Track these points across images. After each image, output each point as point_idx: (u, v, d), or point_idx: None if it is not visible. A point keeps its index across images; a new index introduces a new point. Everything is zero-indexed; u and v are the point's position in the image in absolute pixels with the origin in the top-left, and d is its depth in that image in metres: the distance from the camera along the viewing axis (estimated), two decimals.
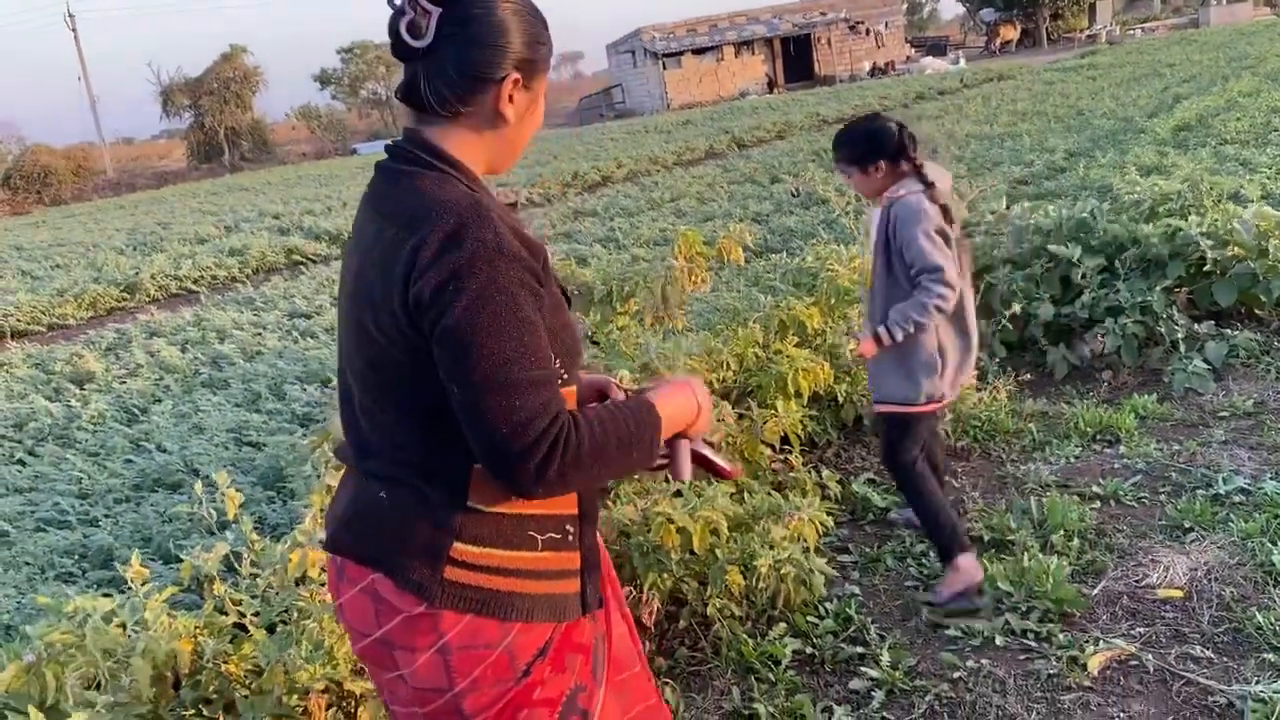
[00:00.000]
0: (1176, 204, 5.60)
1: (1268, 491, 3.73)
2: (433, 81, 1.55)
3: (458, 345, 1.44)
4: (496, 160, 1.66)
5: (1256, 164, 8.91)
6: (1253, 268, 5.13)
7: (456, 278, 1.43)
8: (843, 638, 3.26)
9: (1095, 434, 4.55)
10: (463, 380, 1.45)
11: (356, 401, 1.62)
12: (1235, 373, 4.98)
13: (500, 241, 1.47)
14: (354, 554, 1.60)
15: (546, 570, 1.62)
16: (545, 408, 1.46)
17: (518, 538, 1.59)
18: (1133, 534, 3.65)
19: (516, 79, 1.57)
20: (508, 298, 1.45)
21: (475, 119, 1.58)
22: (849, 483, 4.33)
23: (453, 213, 1.47)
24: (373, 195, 1.61)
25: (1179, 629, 3.06)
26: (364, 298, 1.53)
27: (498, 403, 1.44)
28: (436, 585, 1.53)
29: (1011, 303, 5.25)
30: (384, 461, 1.59)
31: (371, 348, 1.53)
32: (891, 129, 3.29)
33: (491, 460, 1.47)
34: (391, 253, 1.48)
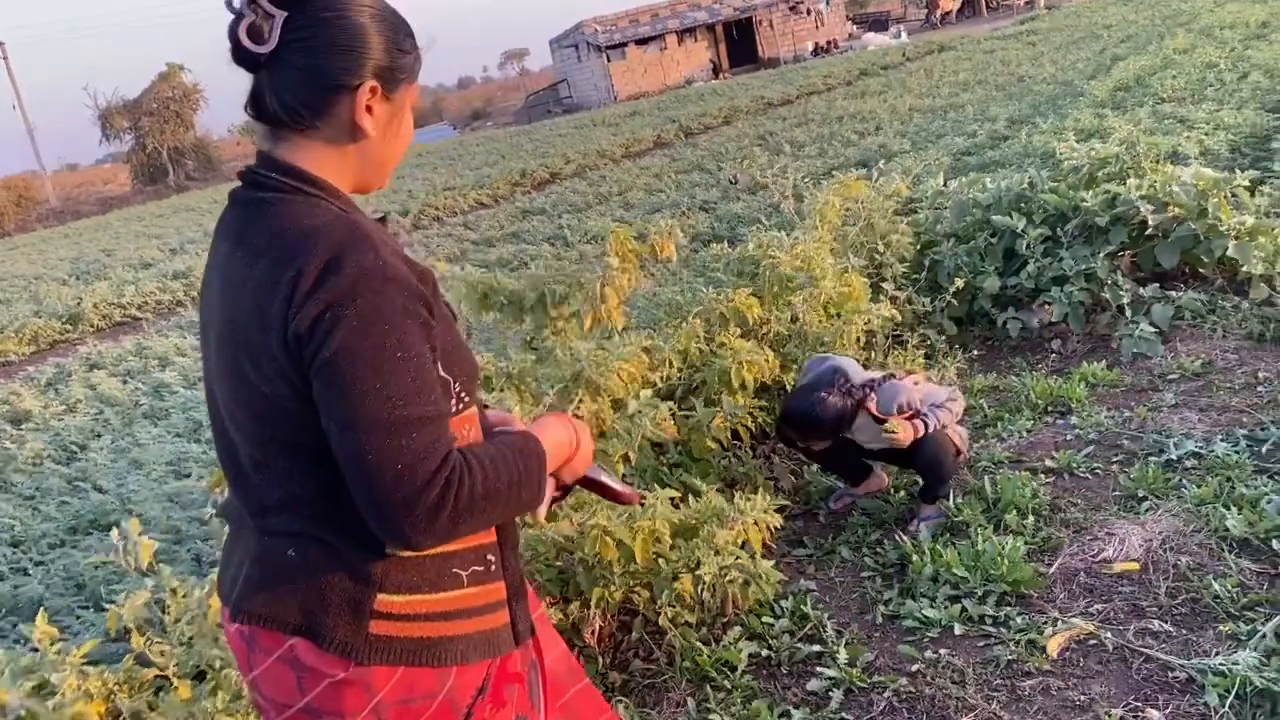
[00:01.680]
0: (1115, 167, 5.57)
1: (1218, 454, 3.69)
2: (279, 92, 1.43)
3: (336, 380, 1.33)
4: (363, 178, 1.54)
5: (1194, 120, 8.92)
6: (1193, 228, 5.10)
7: (335, 307, 1.32)
8: (799, 636, 3.18)
9: (1046, 406, 4.50)
10: (342, 419, 1.33)
11: (244, 456, 1.49)
12: (1182, 334, 4.95)
13: (383, 266, 1.36)
14: (267, 621, 1.45)
15: (475, 606, 1.53)
16: (434, 448, 1.35)
17: (442, 578, 1.49)
18: (1087, 507, 3.60)
19: (374, 88, 1.46)
20: (392, 328, 1.35)
21: (331, 133, 1.46)
22: (802, 472, 4.26)
23: (328, 238, 1.37)
24: (232, 229, 1.48)
25: (1137, 603, 3.01)
26: (238, 343, 1.41)
27: (381, 443, 1.32)
28: (363, 642, 1.42)
29: (955, 277, 5.19)
30: (287, 517, 1.46)
31: (254, 396, 1.41)
32: (844, 406, 3.55)
33: (375, 508, 1.35)
34: (265, 290, 1.36)
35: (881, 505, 3.86)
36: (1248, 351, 4.62)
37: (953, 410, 3.60)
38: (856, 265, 5.03)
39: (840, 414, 3.58)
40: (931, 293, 5.40)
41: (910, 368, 3.92)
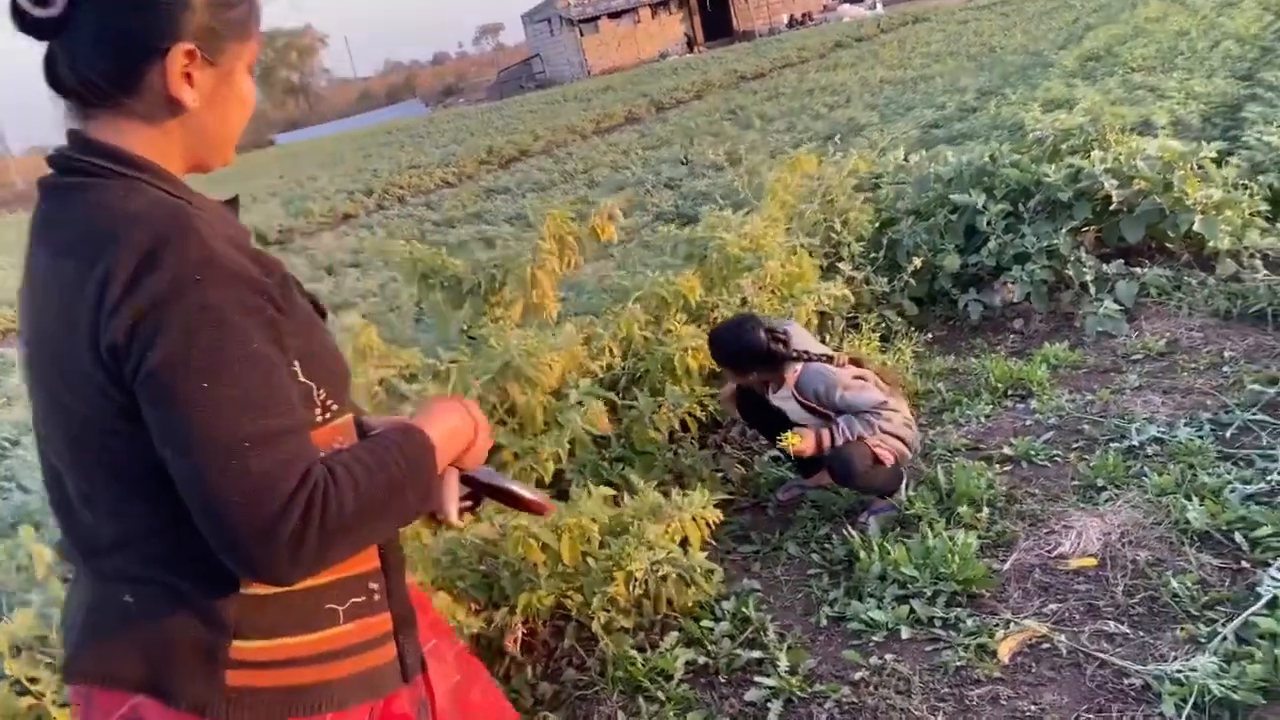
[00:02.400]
0: (1079, 140, 5.39)
1: (1181, 439, 3.53)
2: (74, 62, 1.21)
3: (163, 395, 1.11)
4: (197, 157, 1.31)
5: (1164, 90, 8.75)
6: (1159, 202, 4.93)
7: (155, 309, 1.11)
8: (740, 641, 3.00)
9: (1006, 389, 4.33)
10: (175, 441, 1.12)
11: (70, 487, 1.26)
12: (1147, 311, 4.79)
13: (212, 256, 1.15)
14: (106, 679, 1.24)
15: (354, 644, 1.33)
16: (289, 465, 1.14)
17: (314, 616, 1.29)
18: (1045, 497, 3.43)
19: (190, 51, 1.22)
20: (228, 328, 1.14)
21: (145, 107, 1.23)
22: (752, 464, 4.08)
23: (144, 227, 1.15)
24: (41, 222, 1.25)
25: (1093, 602, 2.84)
26: (47, 357, 1.21)
27: (224, 466, 1.11)
28: (218, 698, 1.22)
29: (914, 256, 5.00)
30: (121, 557, 1.25)
31: (70, 418, 1.20)
32: (758, 341, 3.40)
33: (227, 544, 1.14)
34: (72, 292, 1.15)
35: (832, 497, 3.69)
36: (1213, 330, 4.46)
37: (876, 425, 3.34)
38: (809, 245, 4.84)
39: (754, 350, 3.43)
40: (891, 272, 5.21)
41: (862, 357, 3.67)
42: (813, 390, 3.40)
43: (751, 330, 3.46)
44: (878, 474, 3.39)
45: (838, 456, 3.34)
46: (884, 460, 3.36)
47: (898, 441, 3.40)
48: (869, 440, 3.34)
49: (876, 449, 3.34)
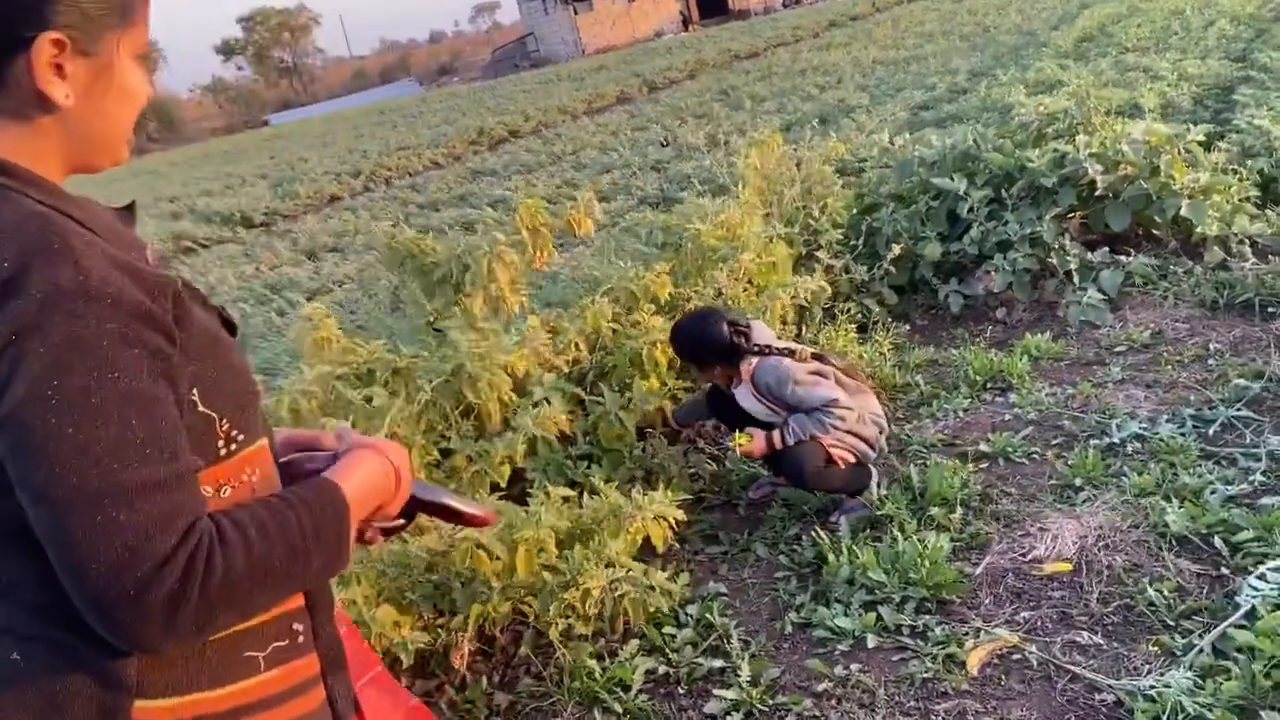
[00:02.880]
0: (1064, 124, 5.26)
1: (1163, 436, 3.42)
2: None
3: (23, 438, 0.98)
4: (80, 156, 1.16)
5: (1157, 70, 8.63)
6: (1145, 188, 4.81)
7: (18, 340, 0.97)
8: (702, 649, 2.90)
9: (986, 382, 4.22)
10: (35, 489, 0.99)
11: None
12: (1132, 300, 4.68)
13: (86, 280, 1.01)
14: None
15: (279, 693, 1.20)
16: (168, 520, 1.01)
17: (230, 667, 1.16)
18: (1021, 497, 3.33)
19: (59, 41, 1.07)
20: (101, 363, 1.00)
21: (12, 104, 1.09)
22: (723, 461, 3.97)
23: (7, 246, 1.01)
24: None
25: (1066, 610, 2.74)
26: None
27: (89, 520, 0.98)
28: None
29: (894, 243, 4.88)
30: (3, 612, 1.11)
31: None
32: (720, 334, 3.33)
33: (90, 604, 1.00)
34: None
35: (804, 495, 3.56)
36: (1199, 320, 4.35)
37: (827, 423, 3.23)
38: (788, 233, 4.71)
39: (715, 344, 3.36)
40: (871, 260, 5.08)
41: (825, 353, 3.54)
42: (764, 384, 3.31)
43: (714, 324, 3.37)
44: (833, 474, 3.30)
45: (788, 456, 3.27)
46: (839, 461, 3.26)
47: (856, 440, 3.29)
48: (823, 440, 3.23)
49: (831, 449, 3.25)
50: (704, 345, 3.40)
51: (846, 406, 3.25)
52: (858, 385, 3.41)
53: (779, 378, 3.28)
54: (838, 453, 3.26)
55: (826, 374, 3.33)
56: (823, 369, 3.34)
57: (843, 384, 3.35)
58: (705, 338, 3.38)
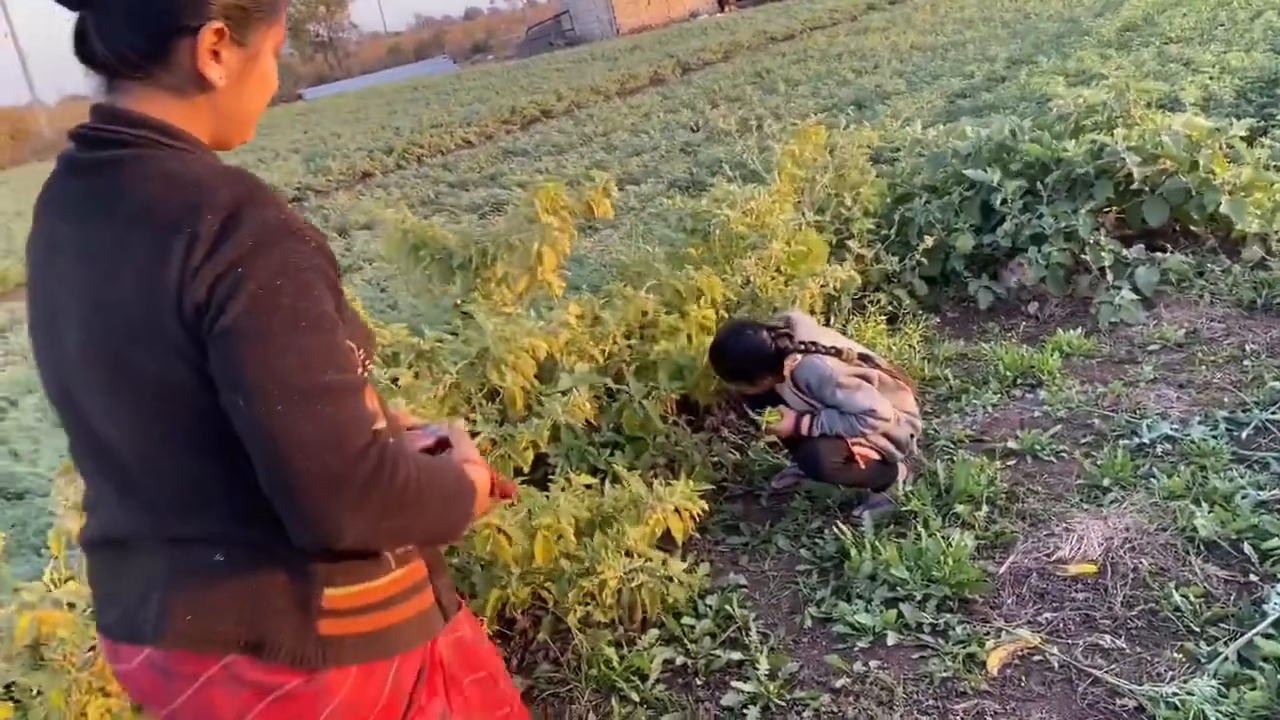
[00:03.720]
0: (1103, 116, 5.16)
1: (1194, 439, 3.37)
2: (105, 34, 1.23)
3: (240, 345, 1.14)
4: (221, 134, 1.33)
5: (1199, 63, 8.45)
6: (1184, 182, 4.72)
7: (238, 265, 1.15)
8: (721, 640, 2.90)
9: (1016, 378, 4.17)
10: (250, 388, 1.14)
11: (132, 461, 1.26)
12: (1167, 298, 4.60)
13: (287, 219, 1.20)
14: (199, 642, 1.26)
15: (405, 590, 1.40)
16: (362, 421, 1.20)
17: (378, 565, 1.36)
18: (1048, 496, 3.29)
19: (220, 30, 1.24)
20: (304, 287, 1.18)
21: (174, 81, 1.26)
22: (747, 450, 3.95)
23: (220, 192, 1.18)
24: (79, 199, 1.25)
25: (1089, 613, 2.71)
26: (118, 325, 1.19)
27: (301, 412, 1.15)
28: (314, 646, 1.28)
29: (926, 235, 4.82)
30: (201, 520, 1.26)
31: (144, 384, 1.21)
32: (763, 344, 3.27)
33: (292, 491, 1.16)
34: (152, 259, 1.16)
35: (827, 488, 3.55)
36: (1235, 320, 4.27)
37: (860, 429, 3.19)
38: (819, 221, 4.67)
39: (755, 353, 3.29)
40: (902, 250, 5.03)
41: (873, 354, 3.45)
42: (805, 381, 3.26)
43: (754, 336, 3.30)
44: (853, 471, 3.27)
45: (806, 450, 3.25)
46: (859, 460, 3.24)
47: (886, 441, 3.26)
48: (848, 438, 3.21)
49: (855, 447, 3.22)
50: (750, 360, 3.32)
51: (884, 417, 3.18)
52: (898, 384, 3.37)
53: (820, 377, 3.23)
54: (861, 451, 3.23)
55: (870, 377, 3.26)
56: (867, 372, 3.27)
57: (884, 383, 3.31)
58: (749, 352, 3.30)
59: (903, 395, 3.38)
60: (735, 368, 3.38)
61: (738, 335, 3.36)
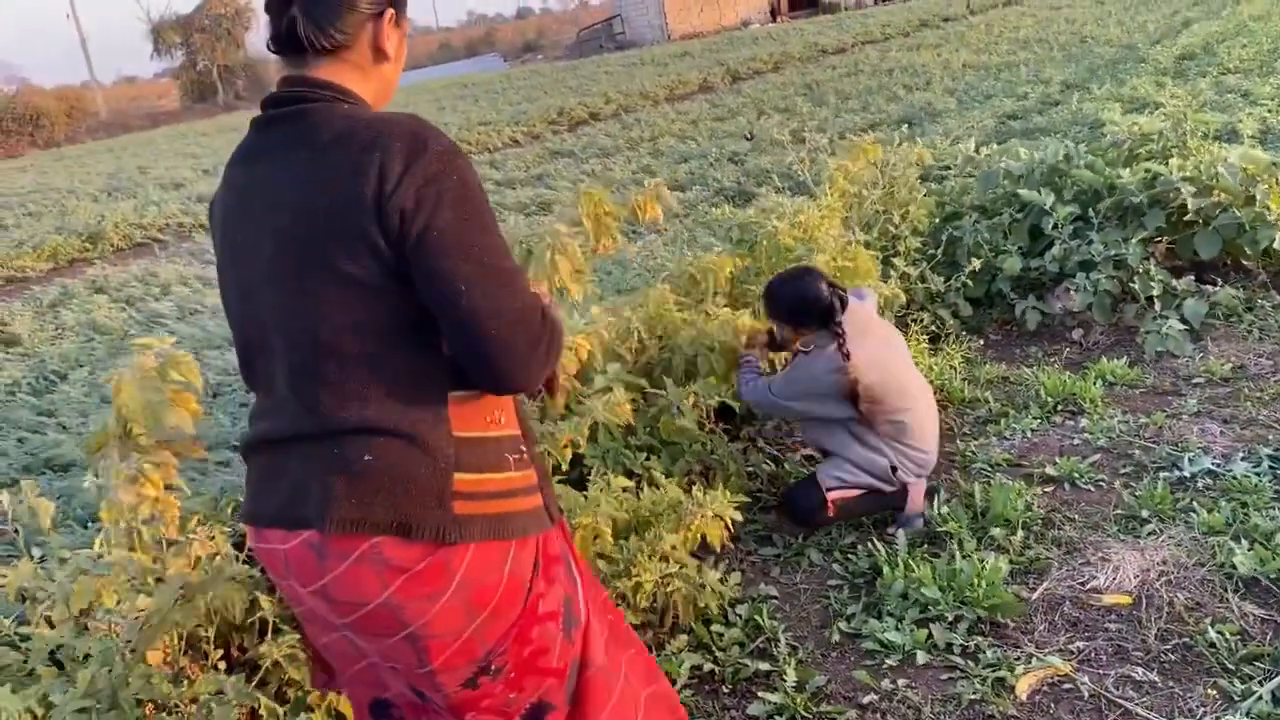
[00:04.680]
0: (1158, 145, 5.12)
1: (1236, 475, 3.34)
2: (316, 19, 1.54)
3: (452, 245, 1.45)
4: (380, 97, 1.67)
5: (1257, 95, 8.36)
6: (1238, 216, 4.67)
7: (433, 181, 1.45)
8: (749, 649, 2.91)
9: (1057, 404, 4.15)
10: (468, 277, 1.45)
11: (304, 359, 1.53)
12: (1215, 332, 4.56)
13: (454, 146, 1.51)
14: (358, 525, 1.49)
15: (520, 488, 1.63)
16: (534, 293, 1.55)
17: (497, 459, 1.60)
18: (1084, 525, 3.27)
19: (393, 14, 1.62)
20: (480, 195, 1.51)
21: (357, 56, 1.60)
22: (783, 461, 3.96)
23: (402, 124, 1.49)
24: (278, 141, 1.56)
25: (1122, 644, 2.70)
26: (319, 233, 1.48)
27: (506, 291, 1.48)
28: (451, 524, 1.51)
29: (974, 255, 4.80)
30: (361, 411, 1.51)
31: (338, 282, 1.48)
32: (824, 296, 3.28)
33: (501, 355, 1.48)
34: (350, 176, 1.45)
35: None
36: None
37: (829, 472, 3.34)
38: (866, 238, 4.67)
39: (813, 302, 3.29)
40: (949, 270, 5.02)
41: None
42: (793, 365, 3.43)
43: (815, 282, 3.32)
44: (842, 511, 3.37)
45: (788, 499, 3.45)
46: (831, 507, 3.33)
47: (864, 477, 3.32)
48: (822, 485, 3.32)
49: (830, 493, 3.31)
50: (799, 303, 3.33)
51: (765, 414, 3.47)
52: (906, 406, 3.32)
53: (814, 374, 3.29)
54: (835, 496, 3.32)
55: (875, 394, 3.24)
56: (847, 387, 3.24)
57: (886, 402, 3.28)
58: (807, 295, 3.30)
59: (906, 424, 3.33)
60: (786, 307, 3.39)
61: (801, 277, 3.40)
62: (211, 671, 2.22)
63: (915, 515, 3.38)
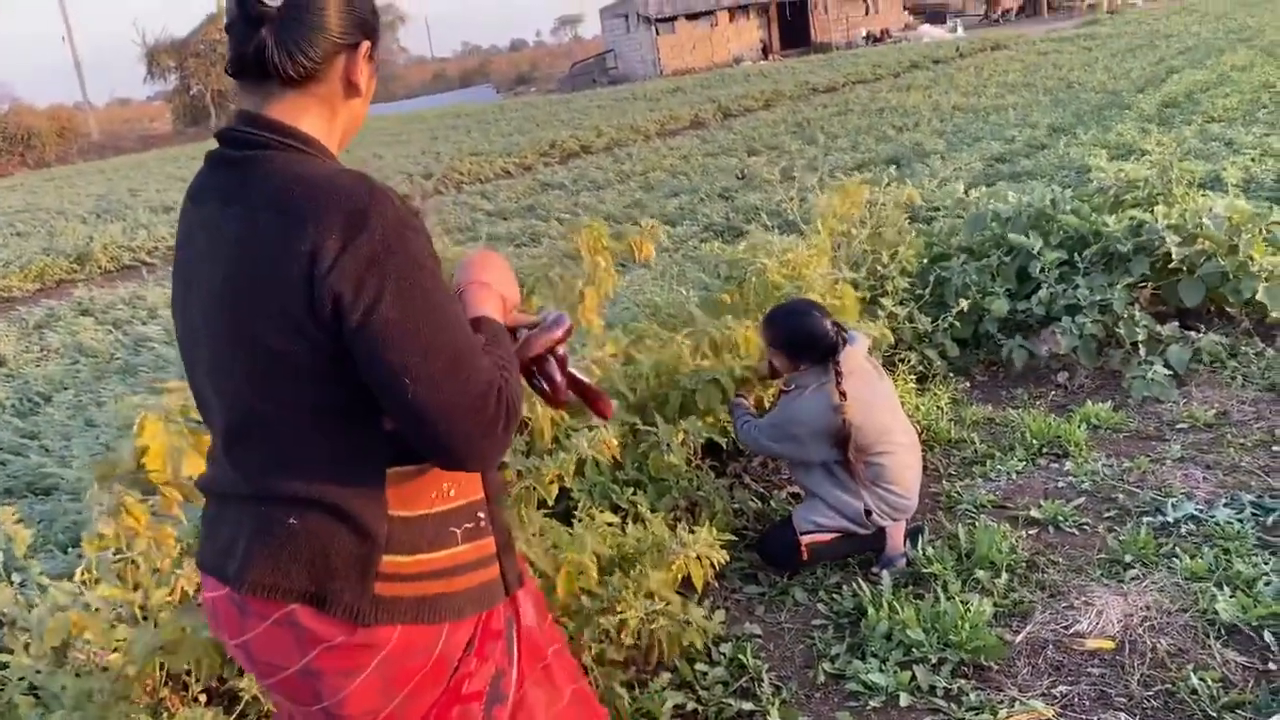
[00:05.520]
0: (1144, 192, 5.19)
1: (1219, 520, 3.36)
2: (287, 45, 1.42)
3: (396, 335, 1.33)
4: (348, 133, 1.57)
5: (1240, 144, 8.49)
6: (1222, 265, 4.73)
7: (375, 263, 1.33)
8: (733, 689, 2.90)
9: (1042, 447, 4.17)
10: (417, 370, 1.33)
11: (238, 421, 1.47)
12: (1198, 378, 4.60)
13: (402, 214, 1.38)
14: (271, 590, 1.44)
15: (469, 563, 1.54)
16: (488, 371, 1.40)
17: (441, 537, 1.51)
18: (1068, 568, 3.28)
19: (368, 47, 1.52)
20: (427, 272, 1.37)
21: (326, 90, 1.49)
22: (769, 498, 3.97)
23: (346, 192, 1.36)
24: (219, 187, 1.45)
25: (1104, 689, 2.70)
26: (243, 301, 1.38)
27: (459, 380, 1.36)
28: (368, 604, 1.44)
29: (962, 296, 4.84)
30: (289, 482, 1.44)
31: (258, 355, 1.39)
32: (830, 333, 3.31)
33: (456, 444, 1.37)
34: (278, 247, 1.34)
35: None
36: (1267, 405, 4.26)
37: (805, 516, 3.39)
38: (854, 277, 4.70)
39: (814, 336, 3.33)
40: (936, 310, 5.06)
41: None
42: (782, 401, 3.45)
43: (820, 318, 3.35)
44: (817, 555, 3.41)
45: (764, 541, 3.50)
46: (804, 550, 3.37)
47: (839, 520, 3.36)
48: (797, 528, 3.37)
49: (804, 536, 3.35)
50: (801, 338, 3.36)
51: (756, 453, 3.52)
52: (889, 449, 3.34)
53: (794, 414, 3.34)
54: (809, 539, 3.36)
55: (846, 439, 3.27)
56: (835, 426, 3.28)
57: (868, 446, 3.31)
58: (815, 331, 3.33)
59: (887, 467, 3.35)
60: (787, 337, 3.41)
61: (808, 311, 3.41)
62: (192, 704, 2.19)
63: (897, 556, 3.39)
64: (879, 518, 3.33)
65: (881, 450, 3.30)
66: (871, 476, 3.31)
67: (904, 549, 3.40)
